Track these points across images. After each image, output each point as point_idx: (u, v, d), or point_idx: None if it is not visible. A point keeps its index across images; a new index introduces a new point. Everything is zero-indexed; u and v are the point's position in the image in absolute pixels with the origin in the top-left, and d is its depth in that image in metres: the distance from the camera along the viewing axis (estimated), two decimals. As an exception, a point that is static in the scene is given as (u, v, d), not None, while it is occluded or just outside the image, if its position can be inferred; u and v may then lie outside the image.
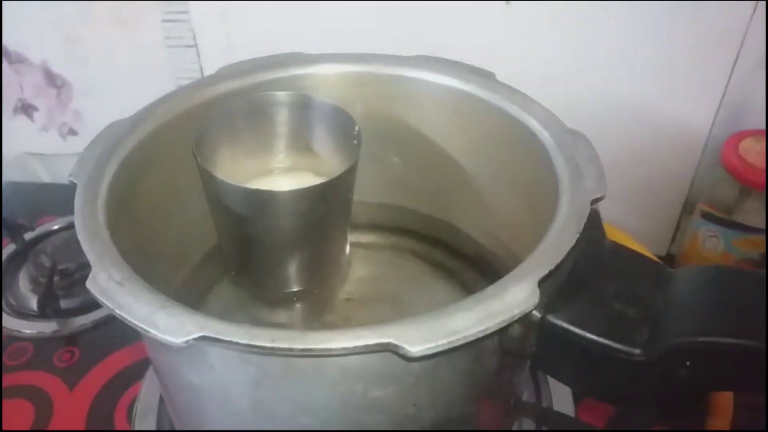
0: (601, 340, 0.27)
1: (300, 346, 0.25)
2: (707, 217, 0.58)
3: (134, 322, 0.26)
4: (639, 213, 0.64)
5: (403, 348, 0.24)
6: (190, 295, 0.45)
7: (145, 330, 0.26)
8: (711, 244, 0.58)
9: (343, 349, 0.25)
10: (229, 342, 0.25)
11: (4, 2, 0.62)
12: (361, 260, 0.51)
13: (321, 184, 0.39)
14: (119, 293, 0.27)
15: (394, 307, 0.49)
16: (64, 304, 0.57)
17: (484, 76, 0.42)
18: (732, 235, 0.56)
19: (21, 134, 0.70)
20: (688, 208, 0.64)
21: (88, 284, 0.28)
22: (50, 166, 0.73)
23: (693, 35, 0.55)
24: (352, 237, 0.50)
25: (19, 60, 0.65)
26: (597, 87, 0.58)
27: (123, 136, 0.37)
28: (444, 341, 0.24)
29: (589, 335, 0.27)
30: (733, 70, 0.56)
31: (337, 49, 0.46)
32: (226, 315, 0.45)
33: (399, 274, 0.52)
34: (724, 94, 0.58)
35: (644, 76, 0.57)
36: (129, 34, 0.63)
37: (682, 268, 0.30)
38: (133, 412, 0.48)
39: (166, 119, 0.40)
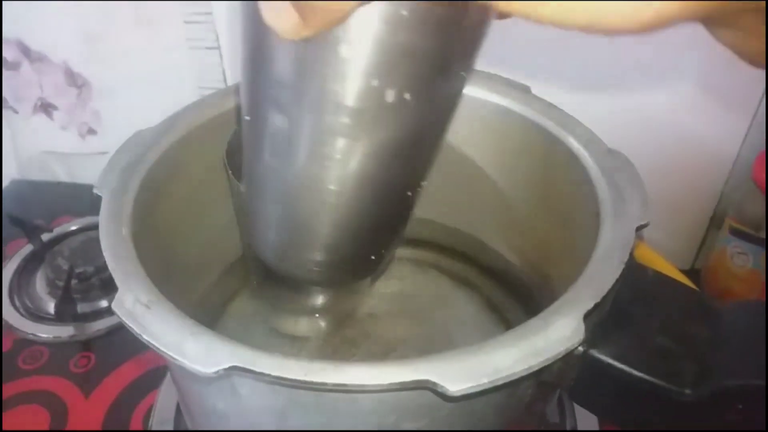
0: (647, 377, 0.26)
1: (334, 381, 0.24)
2: (736, 233, 0.56)
3: (162, 349, 0.25)
4: (664, 225, 0.62)
5: (442, 386, 0.23)
6: (211, 305, 0.44)
7: (174, 358, 0.25)
8: (739, 260, 0.57)
9: (379, 385, 0.23)
10: (261, 374, 0.24)
11: (27, 1, 0.61)
12: (384, 273, 0.50)
13: None
14: (146, 317, 0.26)
15: (416, 323, 0.48)
16: (80, 308, 0.56)
17: (520, 90, 0.41)
18: (761, 252, 0.55)
19: (40, 133, 0.69)
20: (715, 222, 0.62)
21: (114, 306, 0.27)
22: (69, 165, 0.72)
23: (727, 51, 0.53)
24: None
25: (40, 59, 0.64)
26: (627, 101, 0.57)
27: (148, 146, 0.36)
28: (485, 380, 0.23)
29: (635, 372, 0.26)
30: (767, 87, 0.55)
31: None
32: (246, 326, 0.45)
33: (422, 288, 0.51)
34: (757, 109, 0.56)
35: (676, 89, 0.56)
36: (151, 35, 0.62)
37: (728, 302, 0.29)
38: (150, 422, 0.48)
39: (193, 128, 0.39)
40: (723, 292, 0.58)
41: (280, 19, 0.19)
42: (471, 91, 0.42)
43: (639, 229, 0.30)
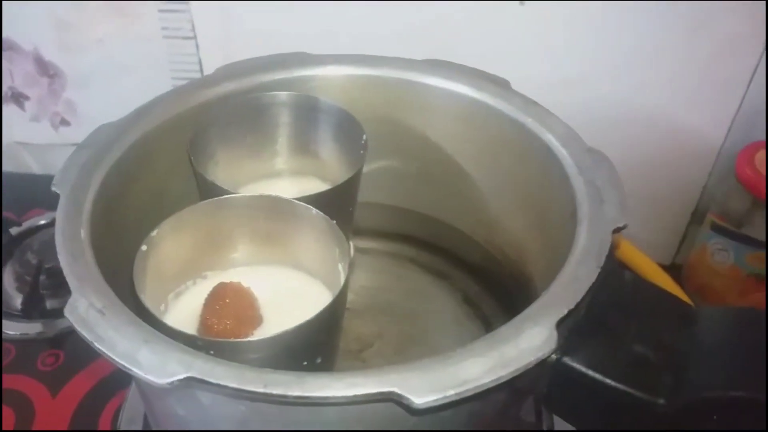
0: (621, 387, 0.25)
1: (295, 393, 0.22)
2: (717, 229, 0.56)
3: (114, 358, 0.24)
4: (645, 220, 0.62)
5: (407, 398, 0.22)
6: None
7: (127, 368, 0.24)
8: (720, 257, 0.56)
9: (342, 398, 0.22)
10: (218, 385, 0.23)
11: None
12: (361, 267, 0.50)
13: (319, 194, 0.37)
14: (100, 324, 0.25)
15: (393, 318, 0.47)
16: (49, 304, 0.55)
17: (499, 84, 0.40)
18: (742, 249, 0.55)
19: (11, 123, 0.68)
20: (697, 218, 0.62)
21: (66, 312, 0.25)
22: (41, 156, 0.71)
23: (711, 42, 0.53)
24: (353, 242, 0.48)
25: (10, 47, 0.63)
26: (610, 92, 0.56)
27: (112, 142, 0.35)
28: (452, 392, 0.22)
29: (608, 381, 0.25)
30: (751, 80, 0.54)
31: (340, 44, 0.44)
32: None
33: (400, 282, 0.50)
34: (741, 104, 0.56)
35: (659, 82, 0.55)
36: (125, 23, 0.60)
37: (707, 308, 0.28)
38: (118, 422, 0.46)
39: (159, 123, 0.37)
40: (703, 288, 0.57)
41: None
42: (448, 84, 0.41)
43: (616, 231, 0.29)
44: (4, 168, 0.71)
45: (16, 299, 0.56)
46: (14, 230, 0.61)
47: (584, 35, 0.53)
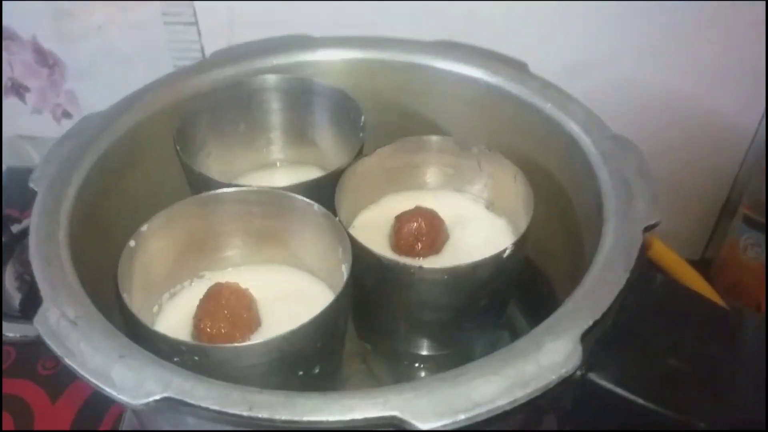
0: (655, 407, 0.22)
1: (283, 417, 0.20)
2: (749, 222, 0.53)
3: (85, 375, 0.22)
4: (672, 212, 0.59)
5: (410, 424, 0.20)
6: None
7: (98, 387, 0.21)
8: (752, 252, 0.54)
9: (336, 422, 0.20)
10: (198, 407, 0.20)
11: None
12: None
13: (316, 179, 0.35)
14: (71, 337, 0.23)
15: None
16: (50, 304, 0.53)
17: (516, 68, 0.37)
18: (776, 244, 0.51)
19: (12, 116, 0.66)
20: (728, 210, 0.59)
21: (36, 323, 0.23)
22: (44, 150, 0.68)
23: (745, 22, 0.50)
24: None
25: (8, 36, 0.61)
26: (635, 75, 0.53)
27: (98, 133, 0.33)
28: (462, 416, 0.20)
29: (639, 400, 0.23)
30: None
31: (347, 30, 0.41)
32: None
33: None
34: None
35: (688, 64, 0.52)
36: (124, 10, 0.58)
37: (748, 315, 0.25)
38: (119, 429, 0.45)
39: (149, 113, 0.35)
40: (734, 285, 0.55)
41: None
42: (460, 67, 0.38)
43: (648, 230, 0.26)
44: (7, 162, 0.69)
45: (16, 299, 0.54)
46: (15, 228, 0.59)
47: (608, 13, 0.50)
